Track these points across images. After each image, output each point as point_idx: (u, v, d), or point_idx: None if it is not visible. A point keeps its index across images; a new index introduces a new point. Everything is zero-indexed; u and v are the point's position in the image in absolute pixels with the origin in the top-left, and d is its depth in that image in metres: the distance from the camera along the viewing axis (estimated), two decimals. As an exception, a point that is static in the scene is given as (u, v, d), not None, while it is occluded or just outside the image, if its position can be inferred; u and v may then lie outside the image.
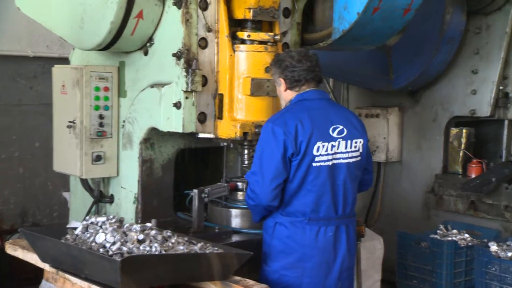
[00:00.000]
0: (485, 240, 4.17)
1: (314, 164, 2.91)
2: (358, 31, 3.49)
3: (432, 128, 5.16)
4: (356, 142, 3.02)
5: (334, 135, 2.96)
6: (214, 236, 3.26)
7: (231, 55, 3.33)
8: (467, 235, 4.45)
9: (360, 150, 3.04)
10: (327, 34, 3.64)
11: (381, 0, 3.32)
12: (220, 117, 3.37)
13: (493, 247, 3.94)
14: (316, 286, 2.98)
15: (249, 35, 3.34)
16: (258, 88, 3.34)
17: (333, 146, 2.94)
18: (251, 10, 3.30)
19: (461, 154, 5.02)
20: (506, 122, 4.88)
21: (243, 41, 3.35)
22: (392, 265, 4.55)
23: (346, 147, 2.98)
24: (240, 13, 3.35)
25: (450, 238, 4.38)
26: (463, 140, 5.03)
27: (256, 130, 3.31)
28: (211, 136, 3.40)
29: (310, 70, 3.01)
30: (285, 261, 2.97)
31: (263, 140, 2.97)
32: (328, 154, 2.93)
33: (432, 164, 5.15)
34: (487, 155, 5.11)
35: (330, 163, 2.94)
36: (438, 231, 4.58)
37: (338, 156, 2.96)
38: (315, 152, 2.91)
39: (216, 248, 2.78)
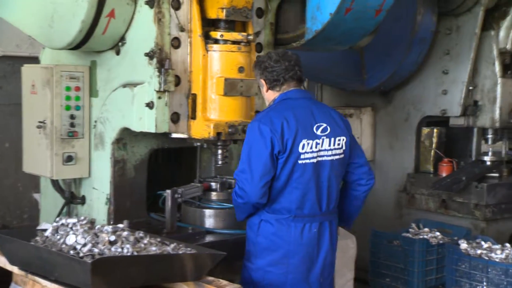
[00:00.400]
0: (456, 238, 4.23)
1: (299, 162, 2.97)
2: (331, 32, 3.51)
3: (404, 127, 5.23)
4: (339, 140, 3.08)
5: (318, 133, 3.02)
6: (188, 237, 3.25)
7: (204, 55, 3.32)
8: (438, 233, 4.50)
9: (343, 148, 3.09)
10: (300, 34, 3.66)
11: (353, 1, 3.35)
12: (193, 117, 3.36)
13: (463, 245, 4.00)
14: (299, 281, 3.03)
15: (222, 35, 3.34)
16: (231, 88, 3.34)
17: (317, 143, 3.00)
18: (224, 10, 3.29)
19: (432, 153, 5.10)
20: (475, 130, 4.97)
21: (216, 41, 3.34)
22: (365, 263, 4.59)
23: (329, 145, 3.04)
24: (213, 13, 3.34)
25: (421, 237, 4.43)
26: (434, 140, 5.11)
27: (230, 130, 3.32)
28: (184, 136, 3.39)
29: (288, 69, 3.06)
30: (270, 258, 3.01)
31: (250, 139, 3.01)
32: (312, 152, 3.00)
33: (404, 163, 5.22)
34: (457, 154, 5.19)
35: (314, 160, 3.00)
36: (410, 230, 4.63)
37: (322, 153, 3.03)
38: (300, 150, 2.97)
39: (189, 249, 2.77)
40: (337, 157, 3.07)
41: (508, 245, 4.02)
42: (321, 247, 3.05)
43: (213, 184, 3.55)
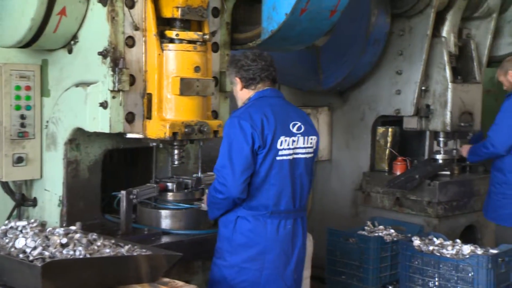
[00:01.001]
0: (409, 235, 4.32)
1: (277, 158, 3.03)
2: (287, 32, 3.53)
3: (360, 127, 5.31)
4: (311, 139, 3.17)
5: (294, 130, 3.10)
6: (143, 238, 3.21)
7: (159, 54, 3.28)
8: (392, 231, 4.60)
9: (314, 147, 3.20)
10: (256, 34, 3.67)
11: (308, 2, 3.37)
12: (149, 117, 3.32)
13: (416, 241, 4.09)
14: (275, 277, 3.07)
15: (177, 34, 3.31)
16: (187, 87, 3.32)
17: (293, 141, 3.08)
18: (179, 9, 3.26)
19: (387, 152, 5.20)
20: (428, 133, 5.08)
21: (171, 40, 3.31)
22: (322, 261, 4.64)
23: (303, 143, 3.13)
24: (168, 12, 3.30)
25: (376, 234, 4.52)
26: (389, 139, 5.21)
27: (186, 130, 3.29)
28: (139, 136, 3.34)
29: (264, 69, 3.13)
30: (246, 254, 3.04)
31: (230, 134, 3.03)
32: (289, 149, 3.07)
33: (360, 162, 5.30)
34: (411, 153, 5.31)
35: (291, 157, 3.07)
36: (365, 228, 4.71)
37: (297, 151, 3.11)
38: (278, 146, 3.03)
39: (144, 250, 2.73)
40: (309, 155, 3.16)
41: (458, 241, 4.14)
42: (296, 243, 3.11)
43: (169, 184, 3.51)
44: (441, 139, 5.02)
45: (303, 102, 5.67)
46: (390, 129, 5.20)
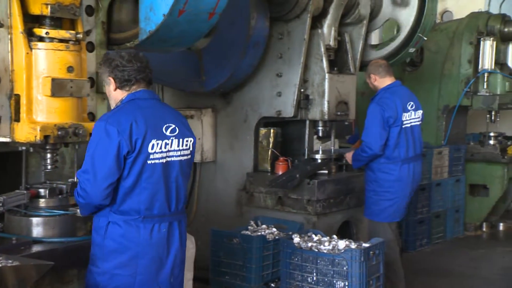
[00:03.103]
0: (290, 233, 4.45)
1: (149, 162, 2.96)
2: (165, 33, 3.49)
3: (243, 128, 5.38)
4: (187, 141, 3.12)
5: (167, 133, 3.03)
6: (11, 248, 3.01)
7: (27, 53, 3.11)
8: (274, 229, 4.71)
9: (191, 149, 3.16)
10: (134, 34, 3.59)
11: (186, 3, 3.36)
12: (17, 119, 3.14)
13: (296, 239, 4.22)
14: (148, 282, 3.01)
15: (47, 33, 3.15)
16: (60, 88, 3.17)
17: (166, 144, 3.02)
18: (49, 6, 3.10)
19: (269, 152, 5.31)
20: (307, 122, 5.27)
21: (41, 39, 3.15)
22: (207, 263, 4.65)
23: (178, 145, 3.07)
24: (36, 9, 3.13)
25: (259, 233, 4.60)
26: (271, 140, 5.33)
27: (59, 133, 3.15)
28: (7, 140, 3.16)
29: (140, 70, 3.04)
30: (118, 260, 2.96)
31: (95, 139, 2.93)
32: (162, 152, 3.00)
33: (244, 163, 5.37)
34: (292, 153, 5.47)
35: (164, 160, 3.01)
36: (249, 227, 4.78)
37: (171, 154, 3.04)
38: (150, 150, 2.96)
39: (10, 261, 2.57)
40: (185, 157, 3.11)
41: (335, 236, 4.33)
42: (171, 247, 3.06)
43: (41, 190, 3.34)
44: (319, 128, 5.22)
45: (187, 103, 5.65)
46: (272, 130, 5.32)
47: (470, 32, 7.02)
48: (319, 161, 5.24)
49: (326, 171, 5.16)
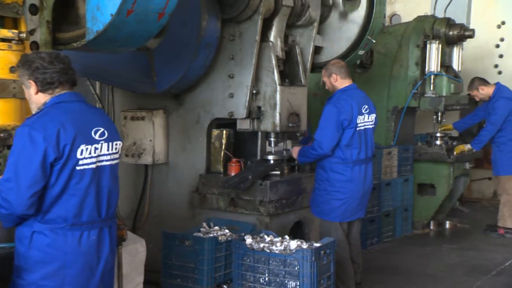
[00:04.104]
0: (242, 234, 4.45)
1: (78, 168, 2.86)
2: (113, 33, 3.43)
3: (196, 130, 5.35)
4: (116, 144, 3.05)
5: (97, 137, 2.94)
6: None
7: (-32, 53, 3.01)
8: (227, 231, 4.71)
9: (119, 152, 3.09)
10: (81, 34, 3.52)
11: (135, 3, 3.31)
12: (-46, 121, 3.03)
13: (248, 240, 4.23)
14: None
15: (-11, 32, 3.06)
16: (2, 89, 3.11)
17: (96, 148, 2.93)
18: (-10, 4, 3.02)
19: (222, 154, 5.30)
20: (260, 133, 5.29)
21: (-18, 38, 3.06)
22: (159, 266, 4.60)
23: (108, 149, 2.99)
24: (-24, 7, 3.04)
25: (211, 235, 4.59)
26: (224, 141, 5.31)
27: (2, 135, 3.07)
28: None
29: (63, 72, 2.93)
30: (44, 270, 2.84)
31: (18, 145, 2.79)
32: (92, 157, 2.91)
33: (196, 164, 5.34)
34: (245, 154, 5.48)
35: (94, 165, 2.92)
36: (201, 229, 4.76)
37: (101, 158, 2.96)
38: (78, 156, 2.86)
39: None
40: (115, 161, 3.06)
41: (287, 237, 4.37)
42: (101, 254, 2.98)
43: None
44: (272, 139, 5.25)
45: (138, 104, 5.58)
46: (224, 132, 5.31)
47: (417, 35, 7.21)
48: (272, 162, 5.26)
49: (278, 172, 5.18)
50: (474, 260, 6.26)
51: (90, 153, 2.90)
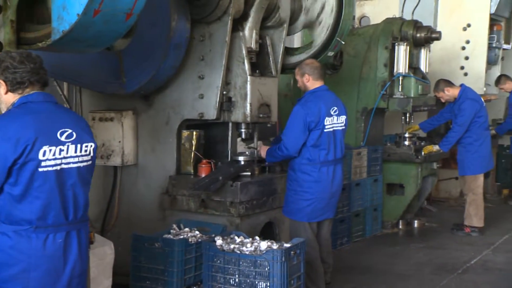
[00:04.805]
0: (213, 235, 4.44)
1: (40, 170, 2.80)
2: (80, 33, 3.38)
3: (165, 131, 5.31)
4: (86, 146, 2.99)
5: (62, 139, 2.89)
6: None
7: None
8: (197, 232, 4.69)
9: (91, 154, 3.02)
10: (47, 33, 3.45)
11: (102, 3, 3.27)
12: None
13: (219, 241, 4.22)
14: None
15: (-51, 31, 2.98)
16: (-36, 91, 3.00)
17: (61, 150, 2.87)
18: (-51, 2, 2.94)
19: (192, 155, 5.28)
20: (230, 124, 5.28)
21: None
22: (128, 268, 4.55)
23: (76, 151, 2.93)
24: None
25: (181, 237, 4.56)
26: (194, 142, 5.29)
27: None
28: None
29: (34, 72, 2.89)
30: (7, 273, 2.79)
31: None
32: (56, 159, 2.85)
33: (166, 166, 5.30)
34: (216, 155, 5.46)
35: (58, 167, 2.87)
36: (171, 231, 4.73)
37: (67, 160, 2.90)
38: (41, 157, 2.80)
39: None
40: (84, 164, 2.99)
41: (257, 238, 4.37)
42: (68, 258, 2.92)
43: None
44: (242, 130, 5.24)
45: (106, 105, 5.51)
46: (194, 133, 5.29)
47: (386, 37, 7.31)
48: (242, 163, 5.26)
49: (249, 173, 5.18)
50: (441, 258, 6.37)
51: (54, 155, 2.84)
